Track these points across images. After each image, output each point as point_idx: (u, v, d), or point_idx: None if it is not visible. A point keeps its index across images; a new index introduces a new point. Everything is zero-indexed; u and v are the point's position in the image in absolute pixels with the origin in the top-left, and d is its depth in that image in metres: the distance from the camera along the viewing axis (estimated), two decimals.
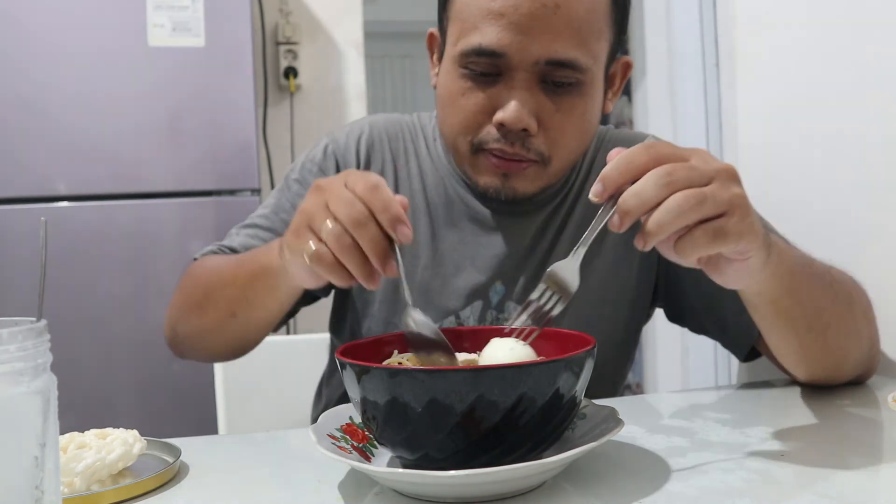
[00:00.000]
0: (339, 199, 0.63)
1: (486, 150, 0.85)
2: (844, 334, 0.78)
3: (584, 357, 0.58)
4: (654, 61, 2.24)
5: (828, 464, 0.63)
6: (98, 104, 1.89)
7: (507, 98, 0.82)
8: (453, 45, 0.85)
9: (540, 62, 0.80)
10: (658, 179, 0.56)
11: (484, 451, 0.56)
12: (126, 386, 1.88)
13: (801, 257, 0.75)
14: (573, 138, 0.86)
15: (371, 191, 0.63)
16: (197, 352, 0.97)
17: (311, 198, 0.67)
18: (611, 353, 0.95)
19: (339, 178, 0.66)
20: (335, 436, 0.65)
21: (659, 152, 0.58)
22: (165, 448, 0.70)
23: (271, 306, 0.84)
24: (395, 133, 1.01)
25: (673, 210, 0.55)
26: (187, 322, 0.92)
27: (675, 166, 0.57)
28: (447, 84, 0.87)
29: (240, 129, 1.93)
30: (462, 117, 0.85)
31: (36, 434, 0.42)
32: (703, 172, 0.57)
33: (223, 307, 0.86)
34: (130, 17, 1.90)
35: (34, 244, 1.77)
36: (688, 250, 0.57)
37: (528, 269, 0.94)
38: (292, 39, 2.48)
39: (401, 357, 0.67)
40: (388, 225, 0.62)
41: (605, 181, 0.58)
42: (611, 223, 0.58)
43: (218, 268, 0.89)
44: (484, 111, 0.84)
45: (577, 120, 0.85)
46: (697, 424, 0.76)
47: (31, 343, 0.42)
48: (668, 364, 2.29)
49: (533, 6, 0.79)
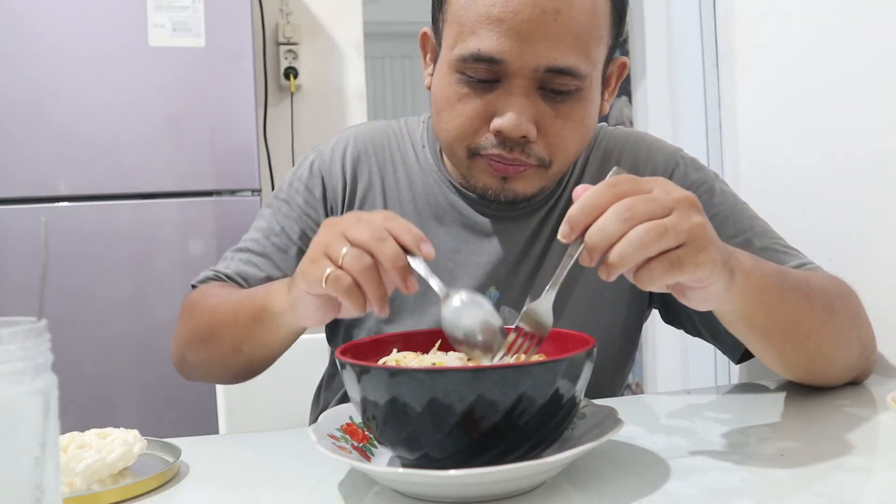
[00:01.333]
0: (357, 230, 0.64)
1: (484, 155, 0.84)
2: (828, 341, 0.78)
3: (583, 357, 0.58)
4: (654, 61, 2.24)
5: (827, 464, 0.63)
6: (98, 104, 1.89)
7: (505, 105, 0.80)
8: (450, 48, 0.83)
9: (539, 69, 0.79)
10: (619, 214, 0.58)
11: (484, 451, 0.56)
12: (126, 386, 1.88)
13: (774, 273, 0.73)
14: (573, 142, 0.85)
15: (389, 218, 0.65)
16: (205, 378, 0.97)
17: (325, 230, 0.68)
18: (609, 356, 0.95)
19: (353, 215, 0.68)
20: (335, 436, 0.65)
21: (621, 190, 0.60)
22: (165, 448, 0.70)
23: (274, 345, 0.84)
24: (381, 143, 1.00)
25: (634, 243, 0.57)
26: (195, 353, 0.93)
27: (635, 200, 0.59)
28: (443, 88, 0.85)
29: (240, 129, 1.93)
30: (458, 123, 0.84)
31: (36, 434, 0.42)
32: (663, 204, 0.59)
33: (228, 343, 0.86)
34: (131, 17, 1.90)
35: (34, 244, 1.78)
36: (646, 281, 0.59)
37: (521, 274, 0.94)
38: (292, 39, 2.48)
39: (400, 356, 0.67)
40: (412, 243, 0.63)
41: (571, 222, 0.60)
42: (581, 258, 0.60)
43: (219, 306, 0.89)
44: (481, 117, 0.83)
45: (576, 125, 0.84)
46: (697, 424, 0.76)
47: (31, 343, 0.42)
48: (668, 364, 2.29)
49: (533, 12, 0.77)
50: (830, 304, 0.79)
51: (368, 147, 0.99)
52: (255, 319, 0.81)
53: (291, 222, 0.97)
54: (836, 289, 0.82)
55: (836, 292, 0.82)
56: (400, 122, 1.03)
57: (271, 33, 2.50)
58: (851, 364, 0.83)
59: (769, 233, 0.92)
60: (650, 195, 0.59)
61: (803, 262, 0.89)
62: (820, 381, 0.84)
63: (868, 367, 0.87)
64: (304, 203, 0.98)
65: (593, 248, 0.59)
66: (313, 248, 0.68)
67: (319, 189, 0.98)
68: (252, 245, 0.98)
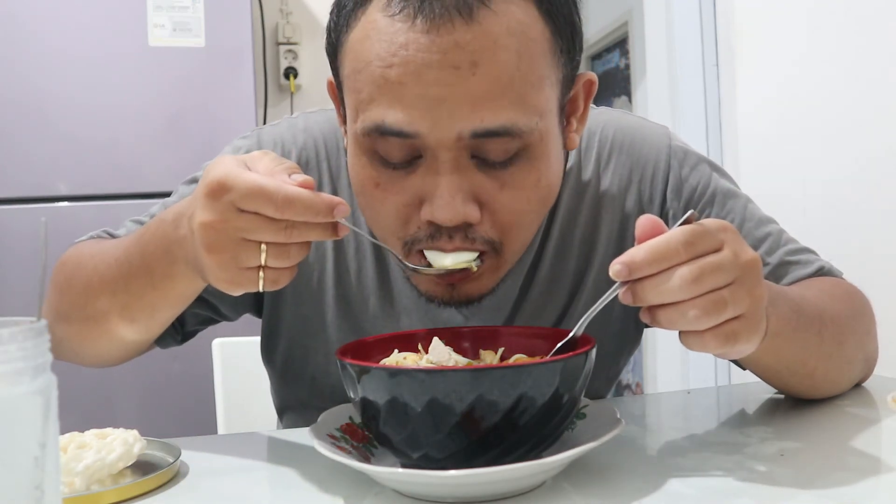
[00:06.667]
0: (257, 228, 0.57)
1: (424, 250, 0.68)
2: (835, 370, 0.77)
3: (583, 357, 0.58)
4: (654, 61, 2.24)
5: (827, 464, 0.63)
6: (98, 104, 1.89)
7: (433, 187, 0.64)
8: (353, 121, 0.67)
9: (463, 137, 0.63)
10: (684, 282, 0.53)
11: (484, 451, 0.56)
12: (126, 386, 1.88)
13: (788, 314, 0.67)
14: (527, 216, 0.69)
15: (286, 209, 0.56)
16: (79, 356, 0.81)
17: (211, 239, 0.58)
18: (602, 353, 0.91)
19: (227, 206, 0.57)
20: (335, 436, 0.65)
21: (697, 251, 0.54)
22: (165, 448, 0.70)
23: (177, 309, 0.72)
24: (335, 143, 0.84)
25: (690, 319, 0.54)
26: (70, 326, 0.77)
27: (703, 269, 0.54)
28: (356, 172, 0.69)
29: (240, 130, 1.91)
30: (383, 215, 0.68)
31: (36, 434, 0.42)
32: (729, 272, 0.55)
33: (117, 315, 0.73)
34: (131, 17, 1.91)
35: (34, 244, 1.77)
36: (696, 347, 0.56)
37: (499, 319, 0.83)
38: (292, 39, 2.48)
39: (400, 356, 0.67)
40: (327, 220, 0.58)
41: (631, 267, 0.54)
42: (622, 296, 0.56)
43: (97, 267, 0.74)
44: (408, 205, 0.67)
45: (529, 193, 0.67)
46: (697, 424, 0.76)
47: (31, 343, 0.42)
48: (668, 364, 2.29)
49: (441, 72, 0.60)
50: (841, 334, 0.76)
51: (321, 148, 0.84)
52: (155, 288, 0.69)
53: None
54: (850, 311, 0.79)
55: (851, 315, 0.79)
56: None
57: (271, 33, 2.50)
58: (854, 380, 0.83)
59: (778, 241, 0.86)
60: (719, 261, 0.55)
61: (820, 267, 0.85)
62: (821, 397, 0.83)
63: (868, 374, 0.87)
64: None
65: (642, 301, 0.55)
66: (215, 262, 0.59)
67: None
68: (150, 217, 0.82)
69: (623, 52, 2.85)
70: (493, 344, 0.71)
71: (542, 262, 0.83)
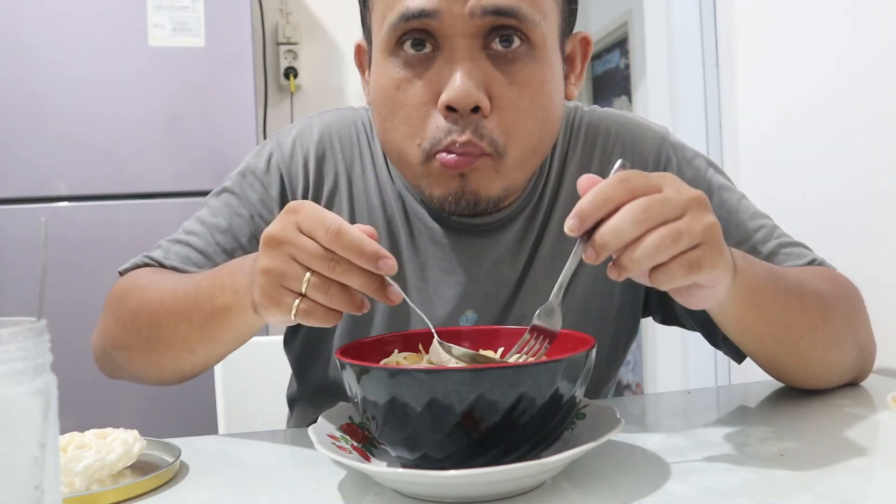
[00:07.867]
0: (307, 252, 0.60)
1: (437, 157, 0.74)
2: (821, 345, 0.77)
3: (583, 357, 0.58)
4: (654, 61, 2.24)
5: (827, 464, 0.63)
6: (98, 104, 1.89)
7: (450, 74, 0.72)
8: (380, 29, 0.76)
9: (476, 13, 0.71)
10: (634, 215, 0.56)
11: (484, 451, 0.57)
12: (126, 386, 1.87)
13: (766, 273, 0.72)
14: (532, 117, 0.75)
15: (335, 240, 0.59)
16: (139, 379, 0.87)
17: (269, 252, 0.62)
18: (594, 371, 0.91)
19: (291, 224, 0.61)
20: (335, 436, 0.65)
21: (634, 185, 0.58)
22: (165, 448, 0.70)
23: (235, 343, 0.77)
24: (348, 136, 0.90)
25: (650, 249, 0.56)
26: (129, 353, 0.83)
27: (650, 201, 0.57)
28: (380, 81, 0.77)
29: (240, 129, 1.93)
30: (404, 114, 0.75)
31: (36, 434, 0.42)
32: (676, 204, 0.58)
33: (180, 345, 0.78)
34: (131, 17, 1.91)
35: (34, 244, 1.78)
36: (664, 282, 0.59)
37: (501, 295, 0.86)
38: (292, 39, 2.48)
39: (400, 357, 0.68)
40: (370, 267, 0.60)
41: (581, 216, 0.57)
42: (586, 255, 0.58)
43: (163, 300, 0.78)
44: (426, 101, 0.74)
45: (534, 93, 0.74)
46: (697, 424, 0.76)
47: (31, 343, 0.42)
48: (668, 364, 2.29)
49: None
50: (825, 308, 0.77)
51: (335, 142, 0.90)
52: (214, 318, 0.73)
53: (241, 222, 0.87)
54: (834, 291, 0.81)
55: (835, 294, 0.80)
56: (369, 109, 0.92)
57: (271, 33, 2.50)
58: (847, 368, 0.83)
59: (771, 233, 0.89)
60: (663, 195, 0.58)
61: (812, 259, 0.87)
62: (814, 386, 0.84)
63: (866, 370, 0.87)
64: (257, 201, 0.87)
65: (603, 247, 0.57)
66: (263, 276, 0.63)
67: (276, 187, 0.88)
68: (194, 241, 0.87)
69: (623, 52, 2.85)
70: (492, 344, 0.71)
71: (544, 242, 0.87)
